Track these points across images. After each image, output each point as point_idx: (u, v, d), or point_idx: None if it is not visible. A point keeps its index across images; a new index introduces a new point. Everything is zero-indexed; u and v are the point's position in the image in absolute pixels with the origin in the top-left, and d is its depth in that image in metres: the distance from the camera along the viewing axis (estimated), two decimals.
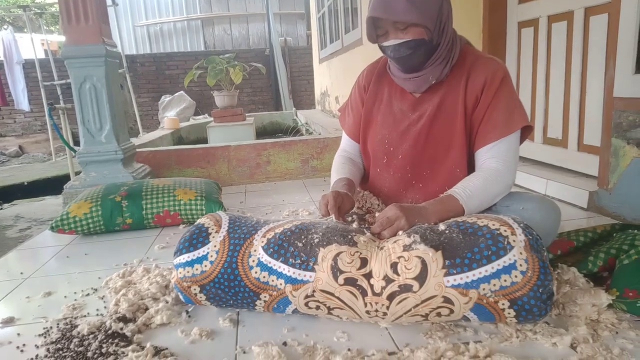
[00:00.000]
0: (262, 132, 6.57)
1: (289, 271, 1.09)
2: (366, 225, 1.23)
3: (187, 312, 1.23)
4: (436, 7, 1.20)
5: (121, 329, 1.14)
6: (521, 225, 1.05)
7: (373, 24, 1.24)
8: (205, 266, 1.15)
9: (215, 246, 1.17)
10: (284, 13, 10.78)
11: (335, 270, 1.05)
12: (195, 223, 1.26)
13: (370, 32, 1.26)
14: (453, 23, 1.30)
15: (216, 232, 1.20)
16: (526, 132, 1.33)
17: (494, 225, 1.05)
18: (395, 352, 1.00)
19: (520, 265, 0.99)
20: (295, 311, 1.14)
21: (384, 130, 1.41)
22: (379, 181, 1.47)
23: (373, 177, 1.49)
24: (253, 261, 1.13)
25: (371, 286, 1.04)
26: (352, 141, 1.55)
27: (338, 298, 1.06)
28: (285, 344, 1.06)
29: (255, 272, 1.12)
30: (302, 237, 1.12)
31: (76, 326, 1.19)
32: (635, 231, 1.34)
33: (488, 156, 1.29)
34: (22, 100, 7.83)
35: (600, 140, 1.93)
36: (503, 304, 0.99)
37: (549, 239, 1.29)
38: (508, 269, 0.99)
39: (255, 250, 1.14)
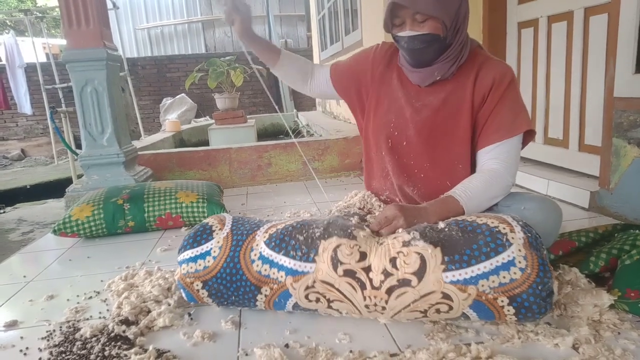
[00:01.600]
0: (263, 134, 6.58)
1: (289, 263, 1.10)
2: (366, 224, 1.23)
3: (190, 314, 1.24)
4: (455, 6, 1.22)
5: (124, 331, 1.15)
6: (520, 223, 1.06)
7: (392, 13, 1.25)
8: (208, 262, 1.17)
9: (218, 242, 1.18)
10: (284, 15, 10.80)
11: (335, 261, 1.06)
12: (201, 222, 1.28)
13: (387, 20, 1.27)
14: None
15: (220, 229, 1.22)
16: (529, 136, 1.34)
17: (492, 223, 1.06)
18: (397, 354, 1.00)
19: (519, 262, 0.99)
20: (295, 306, 1.14)
21: (390, 114, 1.41)
22: (383, 164, 1.47)
23: (377, 160, 1.48)
24: (255, 255, 1.14)
25: (370, 280, 1.04)
26: (327, 73, 1.53)
27: (337, 290, 1.07)
28: (287, 346, 1.06)
29: (257, 265, 1.13)
30: (304, 231, 1.14)
31: (79, 329, 1.19)
32: (637, 231, 1.34)
33: (489, 157, 1.30)
34: (24, 104, 7.85)
35: (601, 140, 1.93)
36: (502, 301, 0.99)
37: (551, 239, 1.29)
38: (507, 265, 0.99)
39: (257, 245, 1.16)
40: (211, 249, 1.18)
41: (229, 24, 1.42)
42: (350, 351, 1.02)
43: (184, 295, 1.24)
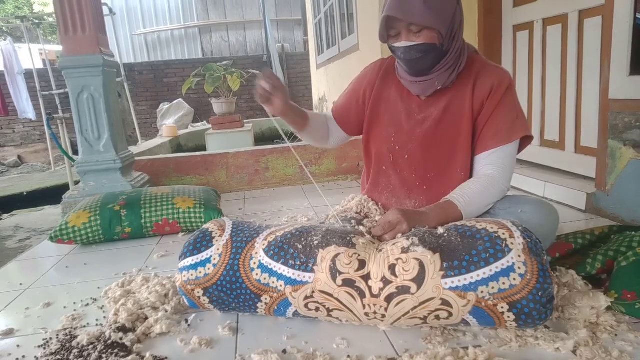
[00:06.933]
0: (261, 139, 6.58)
1: (288, 272, 1.10)
2: (367, 229, 1.23)
3: (187, 321, 1.24)
4: (450, 14, 1.22)
5: (121, 339, 1.14)
6: (520, 228, 1.06)
7: (387, 24, 1.25)
8: (209, 269, 1.17)
9: (218, 249, 1.18)
10: (281, 19, 10.82)
11: (334, 271, 1.06)
12: (201, 228, 1.28)
13: (382, 31, 1.27)
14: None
15: (220, 236, 1.22)
16: (526, 141, 1.35)
17: (492, 228, 1.06)
18: (394, 358, 1.00)
19: (519, 268, 0.99)
20: (296, 314, 1.14)
21: (390, 129, 1.42)
22: (384, 179, 1.47)
23: (377, 175, 1.49)
24: (254, 263, 1.14)
25: (369, 288, 1.04)
26: (333, 119, 1.55)
27: (337, 299, 1.06)
28: (284, 351, 1.06)
29: (257, 274, 1.13)
30: (302, 239, 1.14)
31: (76, 337, 1.18)
32: (633, 233, 1.35)
33: (486, 162, 1.31)
34: (26, 109, 7.84)
35: (597, 142, 1.94)
36: (502, 308, 0.99)
37: (548, 241, 1.29)
38: (506, 271, 0.99)
39: (256, 253, 1.15)
40: (211, 256, 1.18)
41: (265, 105, 1.29)
42: (348, 356, 1.02)
43: (186, 301, 1.24)
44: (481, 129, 1.32)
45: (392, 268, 1.04)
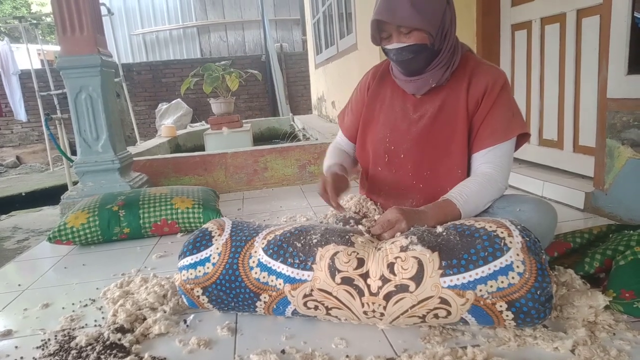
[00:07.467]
0: (259, 138, 6.57)
1: (287, 271, 1.10)
2: (366, 228, 1.24)
3: (185, 321, 1.24)
4: (440, 14, 1.23)
5: (119, 339, 1.14)
6: (518, 227, 1.06)
7: (377, 27, 1.26)
8: (208, 268, 1.17)
9: (217, 248, 1.19)
10: (279, 19, 10.82)
11: (333, 269, 1.06)
12: (200, 228, 1.28)
13: (374, 34, 1.28)
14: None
15: (219, 235, 1.22)
16: (523, 139, 1.35)
17: (490, 227, 1.06)
18: (393, 358, 1.00)
19: (517, 266, 0.99)
20: (294, 312, 1.14)
21: (385, 130, 1.43)
22: (380, 179, 1.48)
23: (374, 175, 1.50)
24: (253, 262, 1.14)
25: (368, 286, 1.04)
26: (346, 140, 1.60)
27: (335, 297, 1.06)
28: (283, 351, 1.06)
29: (255, 273, 1.13)
30: (301, 237, 1.14)
31: (74, 338, 1.18)
32: (631, 232, 1.35)
33: (483, 161, 1.31)
34: (19, 111, 7.84)
35: (595, 141, 1.94)
36: (500, 306, 0.99)
37: (546, 240, 1.30)
38: (505, 270, 0.99)
39: (255, 252, 1.16)
40: (210, 255, 1.18)
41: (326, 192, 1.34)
42: (347, 356, 1.02)
43: (185, 300, 1.24)
44: (477, 128, 1.32)
45: (390, 266, 1.04)
